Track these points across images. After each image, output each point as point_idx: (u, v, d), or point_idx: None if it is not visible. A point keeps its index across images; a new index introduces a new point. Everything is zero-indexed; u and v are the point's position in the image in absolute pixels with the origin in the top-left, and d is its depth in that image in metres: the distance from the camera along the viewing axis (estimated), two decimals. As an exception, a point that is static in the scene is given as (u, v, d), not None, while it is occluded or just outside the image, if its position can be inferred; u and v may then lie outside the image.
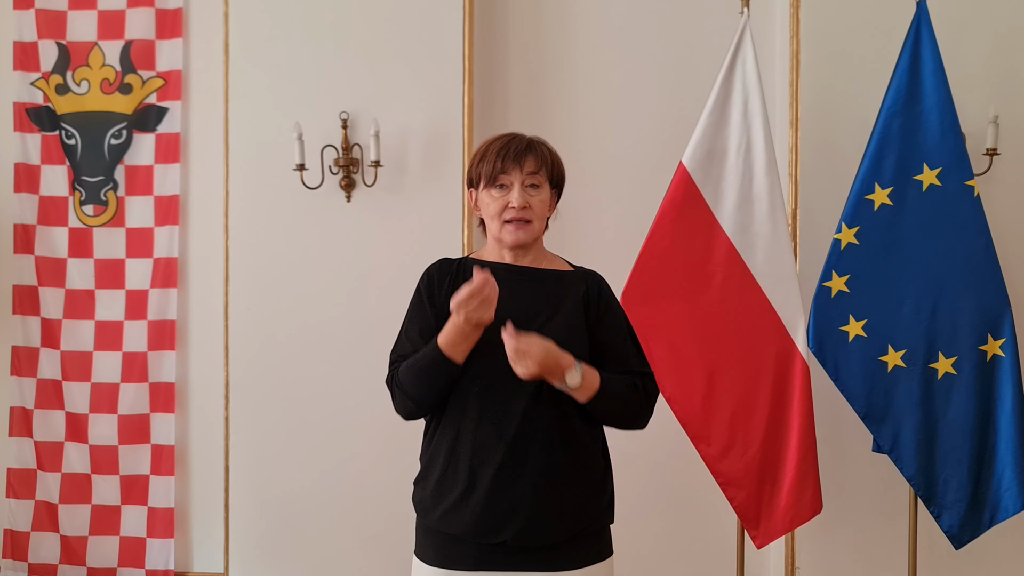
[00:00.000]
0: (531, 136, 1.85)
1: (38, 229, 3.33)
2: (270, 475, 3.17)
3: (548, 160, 1.82)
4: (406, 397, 1.77)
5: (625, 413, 1.80)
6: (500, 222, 1.79)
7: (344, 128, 3.09)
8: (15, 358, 3.34)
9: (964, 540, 2.63)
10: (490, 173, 1.78)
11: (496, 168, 1.78)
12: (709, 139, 2.68)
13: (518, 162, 1.77)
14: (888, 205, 2.61)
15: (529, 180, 1.79)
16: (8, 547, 3.33)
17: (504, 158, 1.78)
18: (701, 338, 2.66)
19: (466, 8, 3.07)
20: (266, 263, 3.16)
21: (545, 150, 1.83)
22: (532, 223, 1.80)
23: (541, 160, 1.80)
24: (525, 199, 1.78)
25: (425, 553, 1.80)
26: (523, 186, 1.78)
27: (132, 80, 3.29)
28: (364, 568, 3.11)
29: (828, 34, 2.94)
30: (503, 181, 1.78)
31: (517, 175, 1.78)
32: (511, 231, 1.79)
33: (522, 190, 1.78)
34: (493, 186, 1.79)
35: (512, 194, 1.77)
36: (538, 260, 1.85)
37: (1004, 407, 2.59)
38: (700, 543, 3.15)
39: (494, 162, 1.78)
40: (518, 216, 1.78)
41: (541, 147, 1.83)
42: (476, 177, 1.83)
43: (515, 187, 1.77)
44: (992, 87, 2.90)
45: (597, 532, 1.82)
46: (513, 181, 1.78)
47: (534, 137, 1.85)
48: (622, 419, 1.81)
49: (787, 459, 2.65)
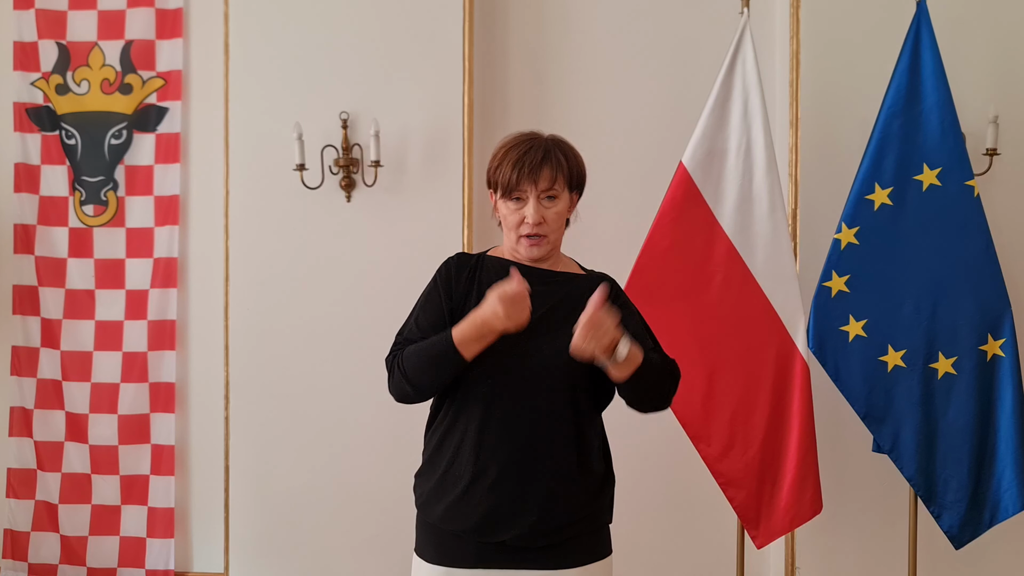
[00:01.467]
0: (549, 137, 1.82)
1: (38, 229, 3.33)
2: (270, 475, 3.17)
3: (564, 167, 1.79)
4: (405, 381, 1.76)
5: (660, 389, 1.80)
6: (516, 235, 1.79)
7: (344, 128, 3.09)
8: (15, 358, 3.34)
9: (964, 540, 2.63)
10: (506, 185, 1.77)
11: (512, 182, 1.76)
12: (709, 139, 2.68)
13: (532, 178, 1.75)
14: (888, 205, 2.61)
15: (546, 193, 1.77)
16: (8, 547, 3.33)
17: (519, 173, 1.76)
18: (701, 338, 2.66)
19: (466, 8, 3.07)
20: (266, 263, 3.16)
21: (561, 156, 1.80)
22: (547, 237, 1.79)
23: (557, 170, 1.77)
24: (540, 214, 1.76)
25: (425, 550, 1.80)
26: (539, 201, 1.76)
27: (132, 80, 3.29)
28: (364, 567, 3.11)
29: (828, 34, 2.94)
30: (518, 195, 1.77)
31: (532, 190, 1.76)
32: (526, 246, 1.79)
33: (537, 205, 1.76)
34: (509, 198, 1.78)
35: (527, 209, 1.76)
36: (554, 263, 1.86)
37: (1004, 407, 2.59)
38: (700, 543, 3.15)
39: (509, 175, 1.76)
40: (533, 231, 1.77)
41: (557, 154, 1.79)
42: (494, 183, 1.81)
43: (530, 202, 1.76)
44: (992, 87, 2.90)
45: (596, 531, 1.82)
46: (528, 195, 1.76)
47: (552, 138, 1.82)
48: (656, 396, 1.80)
49: (787, 459, 2.65)
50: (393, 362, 1.79)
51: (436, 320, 1.78)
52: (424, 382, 1.75)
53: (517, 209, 1.77)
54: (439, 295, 1.81)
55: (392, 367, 1.79)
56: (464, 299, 1.79)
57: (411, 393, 1.77)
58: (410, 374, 1.75)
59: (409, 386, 1.76)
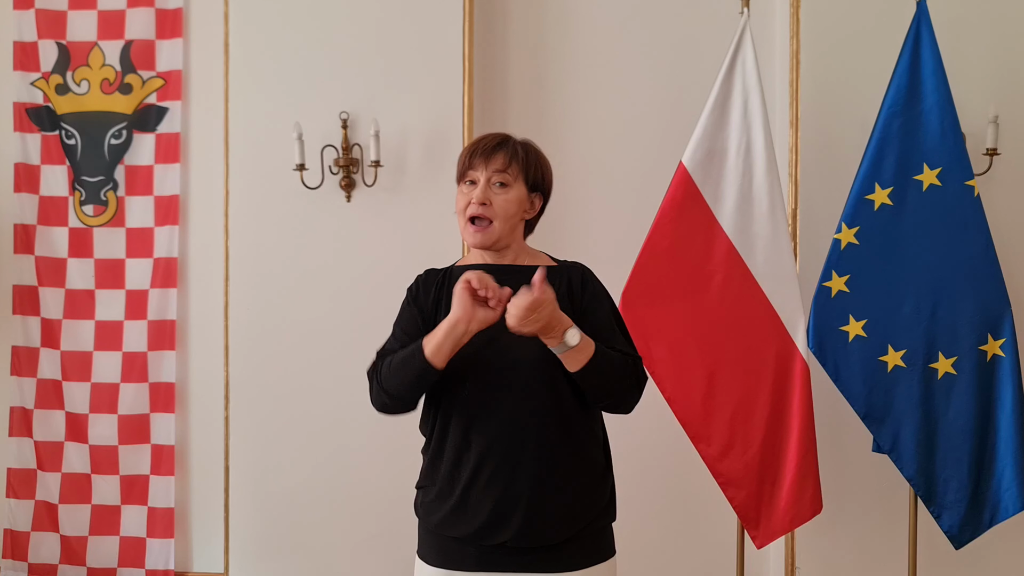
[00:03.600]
0: (518, 138, 1.81)
1: (38, 229, 3.33)
2: (270, 475, 3.17)
3: (522, 158, 1.76)
4: (382, 391, 1.75)
5: (617, 387, 1.73)
6: (464, 220, 1.76)
7: (344, 128, 3.09)
8: (15, 358, 3.34)
9: (964, 540, 2.63)
10: (461, 169, 1.77)
11: (465, 164, 1.75)
12: (709, 139, 2.68)
13: (485, 158, 1.74)
14: (888, 205, 2.61)
15: (497, 177, 1.74)
16: (8, 547, 3.33)
17: (473, 154, 1.75)
18: (701, 338, 2.66)
19: (466, 8, 3.07)
20: (266, 263, 3.16)
21: (520, 149, 1.78)
22: (493, 224, 1.74)
23: (512, 157, 1.75)
24: (486, 195, 1.73)
25: (427, 554, 1.80)
26: (488, 183, 1.74)
27: (132, 80, 3.29)
28: (365, 568, 3.11)
29: (828, 34, 2.94)
30: (471, 177, 1.76)
31: (483, 171, 1.74)
32: (471, 232, 1.75)
33: (486, 186, 1.74)
34: (463, 182, 1.77)
35: (475, 190, 1.74)
36: (519, 259, 1.82)
37: (1004, 407, 2.59)
38: (700, 543, 3.15)
39: (464, 158, 1.76)
40: (476, 213, 1.73)
41: (517, 146, 1.78)
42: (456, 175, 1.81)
43: (480, 183, 1.74)
44: (992, 87, 2.90)
45: (598, 531, 1.80)
46: (479, 177, 1.75)
47: (521, 138, 1.81)
48: (614, 394, 1.73)
49: (787, 459, 2.65)
50: (372, 374, 1.78)
51: (413, 333, 1.76)
52: (400, 391, 1.72)
53: (468, 192, 1.75)
54: (411, 311, 1.80)
55: (371, 379, 1.79)
56: (435, 312, 1.77)
57: (389, 403, 1.76)
58: (386, 384, 1.73)
59: (386, 396, 1.74)
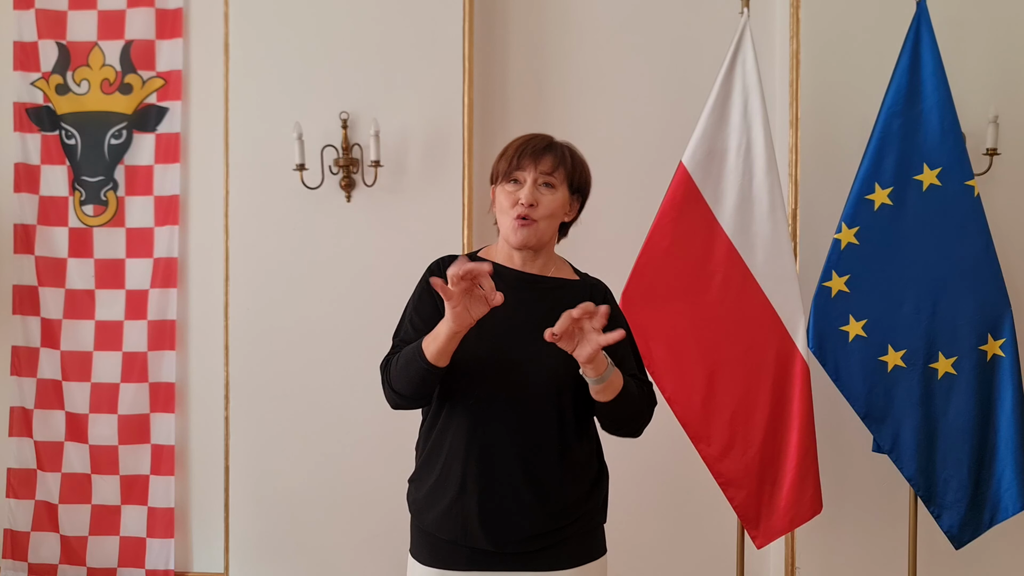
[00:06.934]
0: (560, 140, 1.82)
1: (38, 229, 3.33)
2: (270, 475, 3.17)
3: (568, 162, 1.79)
4: (391, 390, 1.75)
5: (637, 418, 1.79)
6: (510, 219, 1.76)
7: (344, 128, 3.09)
8: (15, 358, 3.34)
9: (964, 540, 2.63)
10: (506, 169, 1.77)
11: (513, 164, 1.76)
12: (709, 139, 2.67)
13: (534, 159, 1.75)
14: (888, 205, 2.61)
15: (543, 179, 1.76)
16: (8, 547, 3.33)
17: (522, 154, 1.76)
18: (701, 338, 2.66)
19: (466, 8, 3.07)
20: (266, 263, 3.16)
21: (567, 153, 1.80)
22: (538, 223, 1.76)
23: (559, 160, 1.77)
24: (535, 196, 1.74)
25: (420, 553, 1.80)
26: (536, 184, 1.75)
27: (132, 80, 3.29)
28: (364, 567, 3.11)
29: (828, 34, 2.94)
30: (517, 177, 1.76)
31: (531, 172, 1.75)
32: (515, 229, 1.76)
33: (533, 187, 1.75)
34: (508, 181, 1.77)
35: (523, 190, 1.75)
36: (547, 267, 1.83)
37: (1004, 407, 2.59)
38: (700, 543, 3.15)
39: (512, 158, 1.76)
40: (523, 213, 1.74)
41: (563, 149, 1.80)
42: (496, 173, 1.81)
43: (527, 183, 1.75)
44: (992, 87, 2.90)
45: (590, 531, 1.80)
46: (527, 177, 1.75)
47: (562, 141, 1.82)
48: (632, 424, 1.79)
49: (787, 459, 2.65)
50: (384, 370, 1.78)
51: (431, 317, 1.74)
52: (407, 391, 1.72)
53: (514, 191, 1.76)
54: (431, 294, 1.76)
55: (383, 374, 1.78)
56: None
57: (399, 402, 1.76)
58: (394, 383, 1.73)
59: (396, 395, 1.75)
